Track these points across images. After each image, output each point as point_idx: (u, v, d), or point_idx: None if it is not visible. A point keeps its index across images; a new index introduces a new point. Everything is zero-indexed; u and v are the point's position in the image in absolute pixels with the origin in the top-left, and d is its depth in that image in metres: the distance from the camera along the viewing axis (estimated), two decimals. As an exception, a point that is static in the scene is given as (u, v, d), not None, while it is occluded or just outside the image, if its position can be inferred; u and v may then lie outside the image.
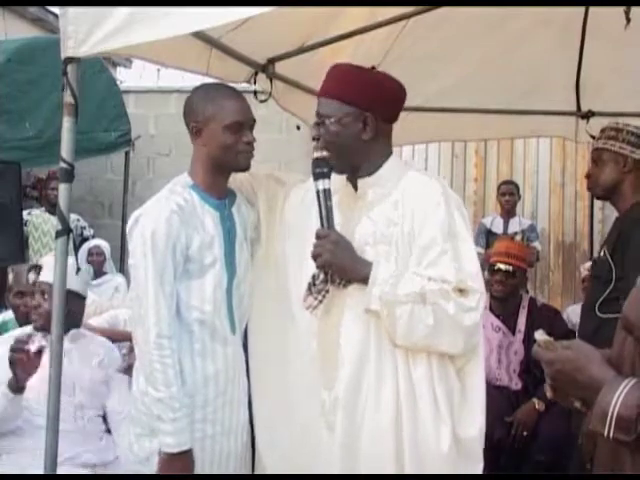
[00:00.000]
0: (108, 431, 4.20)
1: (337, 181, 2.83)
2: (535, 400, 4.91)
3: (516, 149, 9.57)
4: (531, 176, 9.58)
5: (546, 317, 5.24)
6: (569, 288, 9.26)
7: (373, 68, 2.85)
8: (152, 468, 2.85)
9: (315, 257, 2.67)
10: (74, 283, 4.12)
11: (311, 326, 2.78)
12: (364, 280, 2.61)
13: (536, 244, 8.27)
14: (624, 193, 3.98)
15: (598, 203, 8.37)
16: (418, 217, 2.63)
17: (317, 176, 2.74)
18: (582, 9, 4.56)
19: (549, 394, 2.15)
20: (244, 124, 3.01)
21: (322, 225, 2.70)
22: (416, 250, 2.62)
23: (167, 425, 2.80)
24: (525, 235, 8.05)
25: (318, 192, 2.72)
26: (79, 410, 3.99)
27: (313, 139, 2.80)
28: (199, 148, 3.17)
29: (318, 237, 2.68)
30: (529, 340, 4.93)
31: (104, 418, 4.18)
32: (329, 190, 2.72)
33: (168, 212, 2.97)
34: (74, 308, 4.12)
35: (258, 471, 3.01)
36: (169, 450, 2.80)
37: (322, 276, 2.69)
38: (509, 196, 8.46)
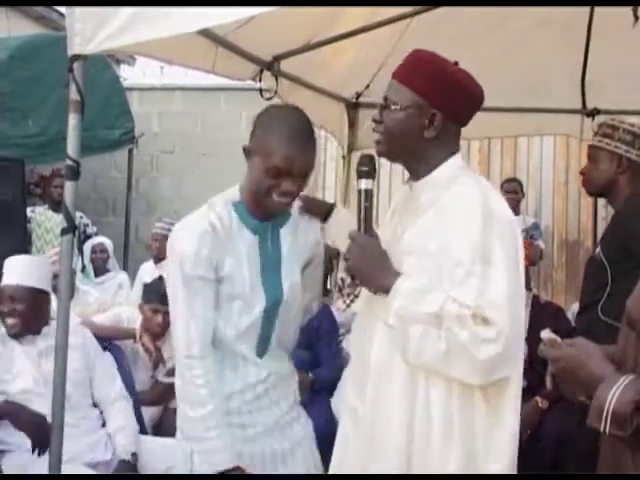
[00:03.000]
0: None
1: (401, 191, 2.71)
2: (538, 398, 4.89)
3: (520, 147, 9.56)
4: (535, 174, 9.57)
5: (550, 315, 5.23)
6: (573, 286, 9.24)
7: (456, 63, 2.63)
8: None
9: (345, 259, 2.54)
10: (31, 280, 4.13)
11: (357, 330, 2.69)
12: (386, 291, 2.47)
13: (539, 242, 8.26)
14: (618, 192, 3.95)
15: (602, 201, 8.35)
16: (451, 233, 2.45)
17: (360, 174, 2.59)
18: (587, 7, 4.56)
19: (549, 386, 2.18)
20: (284, 171, 2.74)
21: (358, 227, 2.56)
22: (447, 267, 2.44)
23: (206, 444, 2.75)
24: (528, 233, 8.03)
25: (360, 191, 2.57)
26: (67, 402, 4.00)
27: (373, 120, 2.61)
28: (249, 167, 2.85)
29: (351, 239, 2.56)
30: (533, 338, 4.92)
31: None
32: (370, 191, 2.57)
33: (201, 231, 2.81)
34: (41, 305, 4.13)
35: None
36: (216, 468, 2.73)
37: (349, 280, 2.61)
38: (513, 194, 8.44)
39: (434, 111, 2.53)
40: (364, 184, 2.58)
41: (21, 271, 4.21)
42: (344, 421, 2.72)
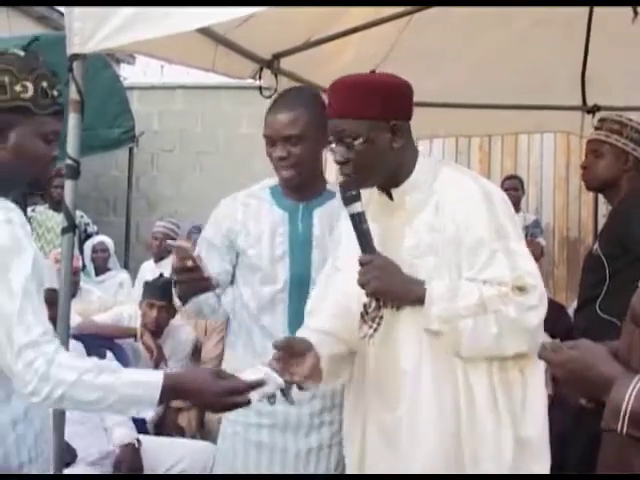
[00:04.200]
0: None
1: (367, 193, 2.68)
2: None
3: (520, 144, 9.54)
4: (535, 171, 9.56)
5: (551, 312, 5.18)
6: (574, 283, 9.19)
7: (373, 72, 2.70)
8: None
9: (362, 285, 2.53)
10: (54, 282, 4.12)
11: (371, 347, 2.66)
12: (419, 301, 2.48)
13: (540, 239, 8.25)
14: (619, 188, 3.93)
15: (603, 197, 8.35)
16: (460, 220, 2.50)
17: (348, 200, 2.58)
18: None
19: (549, 390, 2.18)
20: (273, 139, 3.02)
21: (363, 251, 2.55)
22: (465, 255, 2.50)
23: None
24: (529, 231, 8.03)
25: (353, 216, 2.56)
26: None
27: (339, 163, 2.61)
28: None
29: (361, 264, 2.54)
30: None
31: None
32: (363, 213, 2.56)
33: (237, 203, 3.17)
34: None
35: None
36: None
37: (374, 304, 2.59)
38: (513, 191, 8.43)
39: (393, 122, 2.57)
40: (355, 208, 2.57)
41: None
42: (369, 437, 2.70)
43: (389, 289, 2.53)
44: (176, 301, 3.00)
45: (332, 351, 2.64)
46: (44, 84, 2.32)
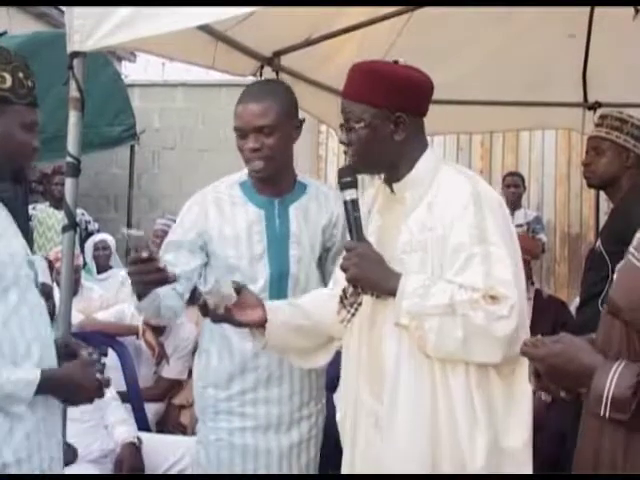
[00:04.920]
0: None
1: (377, 186, 2.75)
2: (542, 393, 4.87)
3: (521, 141, 9.54)
4: (537, 168, 9.56)
5: (552, 308, 5.22)
6: (575, 279, 9.20)
7: (396, 62, 2.65)
8: None
9: (344, 270, 2.57)
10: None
11: (362, 334, 2.68)
12: (393, 293, 2.49)
13: (542, 236, 8.24)
14: (621, 186, 3.93)
15: (604, 194, 8.35)
16: (447, 220, 2.50)
17: (343, 186, 2.62)
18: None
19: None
20: (244, 130, 3.03)
21: (351, 237, 2.60)
22: (448, 256, 2.50)
23: None
24: (530, 227, 8.01)
25: (346, 203, 2.60)
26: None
27: (342, 143, 2.68)
28: None
29: (346, 250, 2.58)
30: (535, 332, 4.91)
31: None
32: (357, 200, 2.60)
33: (207, 202, 3.17)
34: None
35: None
36: None
37: (351, 289, 2.63)
38: (514, 188, 8.43)
39: (398, 114, 2.57)
40: (349, 195, 2.60)
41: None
42: (363, 429, 2.70)
43: (366, 276, 2.55)
44: (134, 299, 2.88)
45: (290, 319, 2.77)
46: (20, 75, 2.41)
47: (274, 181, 3.09)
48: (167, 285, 2.72)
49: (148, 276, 2.63)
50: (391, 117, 2.57)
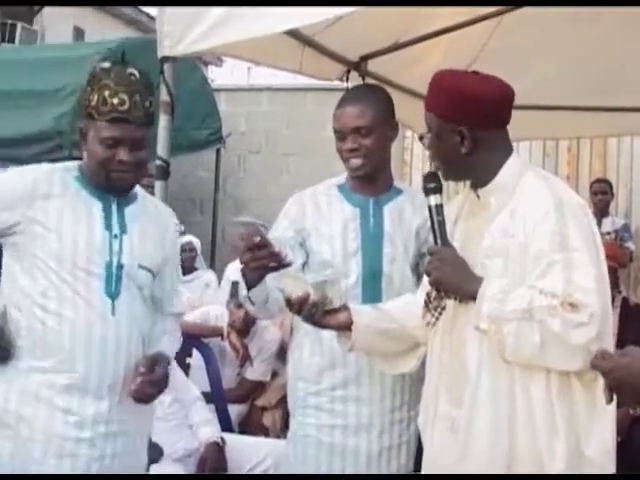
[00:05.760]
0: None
1: (466, 191, 2.77)
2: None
3: (609, 146, 9.38)
4: (625, 174, 9.39)
5: (639, 317, 5.14)
6: (664, 288, 9.07)
7: (476, 73, 2.66)
8: None
9: (427, 274, 2.62)
10: None
11: (444, 338, 2.69)
12: (474, 297, 2.50)
13: (630, 244, 8.11)
14: None
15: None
16: (529, 227, 2.50)
17: (428, 191, 2.66)
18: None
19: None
20: (343, 132, 3.10)
21: (435, 242, 2.64)
22: (529, 263, 2.49)
23: None
24: (618, 235, 7.89)
25: (430, 208, 2.64)
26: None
27: (426, 148, 2.75)
28: None
29: (430, 254, 2.63)
30: (622, 341, 4.84)
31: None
32: (441, 205, 2.64)
33: (305, 199, 3.25)
34: None
35: None
36: None
37: (434, 293, 2.66)
38: (602, 195, 8.31)
39: (460, 128, 2.59)
40: (433, 200, 2.65)
41: None
42: (438, 433, 2.70)
43: (448, 281, 2.58)
44: (241, 294, 2.95)
45: (375, 322, 2.82)
46: (106, 93, 2.61)
47: (371, 180, 3.18)
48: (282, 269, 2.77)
49: (264, 261, 2.69)
50: (455, 130, 2.59)
